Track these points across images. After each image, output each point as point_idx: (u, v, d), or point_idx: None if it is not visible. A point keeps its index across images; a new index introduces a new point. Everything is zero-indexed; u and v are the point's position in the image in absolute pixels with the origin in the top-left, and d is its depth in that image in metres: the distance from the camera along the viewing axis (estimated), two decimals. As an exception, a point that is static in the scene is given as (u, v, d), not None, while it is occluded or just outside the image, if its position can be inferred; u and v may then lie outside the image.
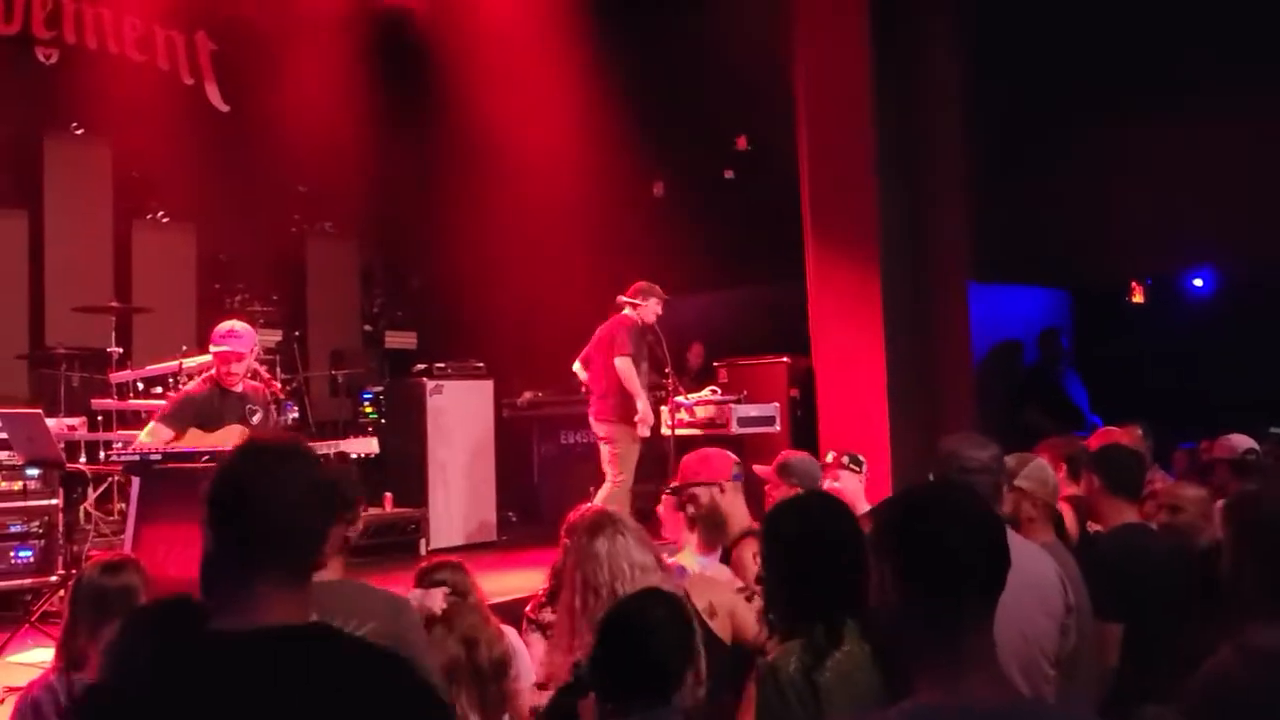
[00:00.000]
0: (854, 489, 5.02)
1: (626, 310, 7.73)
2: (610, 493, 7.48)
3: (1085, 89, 8.68)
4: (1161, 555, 3.97)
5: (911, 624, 1.88)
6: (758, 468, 5.12)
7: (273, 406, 5.74)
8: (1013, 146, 8.99)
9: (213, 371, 5.81)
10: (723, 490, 4.31)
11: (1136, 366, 8.75)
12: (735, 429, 7.90)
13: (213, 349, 5.72)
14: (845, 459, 5.21)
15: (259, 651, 1.73)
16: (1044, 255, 9.15)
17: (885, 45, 8.29)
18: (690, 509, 4.33)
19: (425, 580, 3.69)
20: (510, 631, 4.01)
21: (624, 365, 7.53)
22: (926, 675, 1.85)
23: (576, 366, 7.94)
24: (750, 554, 3.90)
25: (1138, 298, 9.51)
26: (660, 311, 7.74)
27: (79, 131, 9.12)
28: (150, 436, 5.57)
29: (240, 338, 5.75)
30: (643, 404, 7.51)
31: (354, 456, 5.84)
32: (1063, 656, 3.18)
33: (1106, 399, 8.60)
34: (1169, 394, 7.94)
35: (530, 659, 3.91)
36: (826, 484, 4.91)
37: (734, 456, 4.51)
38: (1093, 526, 4.60)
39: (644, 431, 7.57)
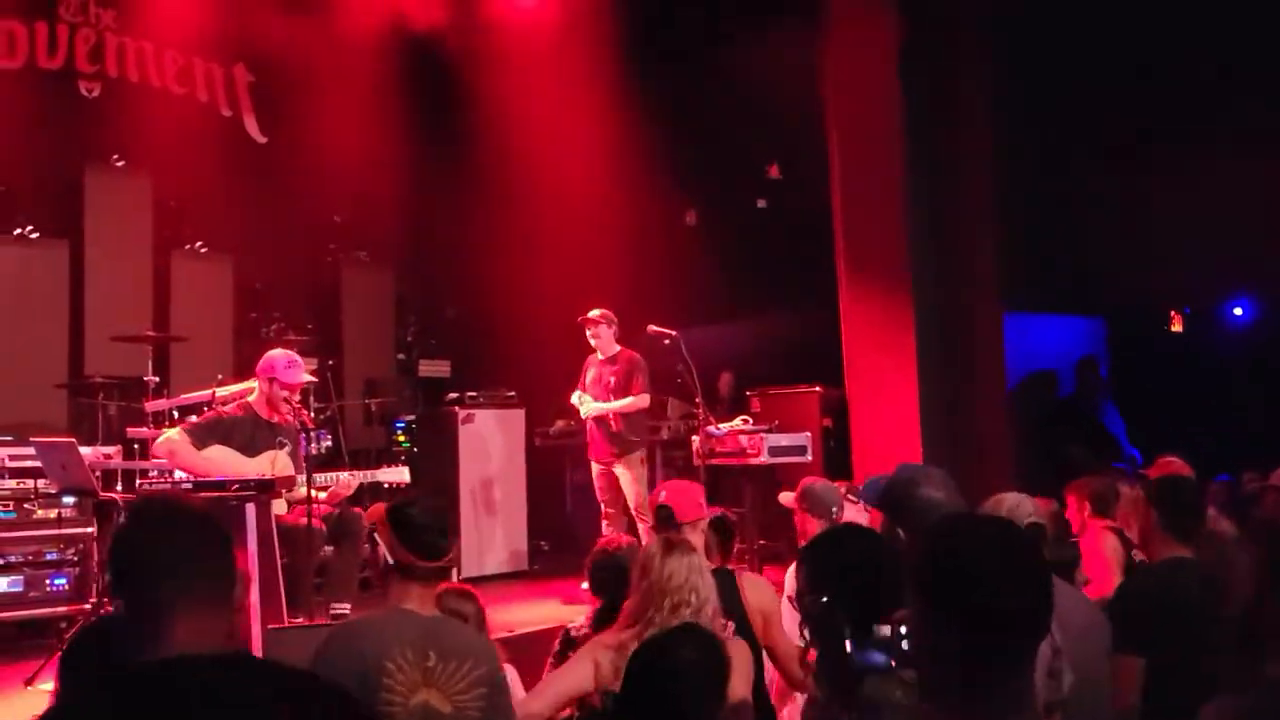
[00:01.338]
0: (857, 520, 5.01)
1: None
2: None
3: (1121, 117, 8.63)
4: (1196, 591, 3.88)
5: (945, 662, 1.84)
6: (783, 497, 5.14)
7: (301, 437, 5.76)
8: (1048, 174, 8.95)
9: (251, 398, 5.81)
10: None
11: (1174, 396, 8.64)
12: (766, 458, 7.87)
13: (282, 379, 5.67)
14: (844, 489, 5.26)
15: (181, 680, 1.81)
16: (1080, 284, 9.08)
17: (916, 74, 8.29)
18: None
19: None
20: (509, 670, 3.97)
21: None
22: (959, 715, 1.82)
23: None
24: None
25: (1176, 326, 9.40)
26: (592, 341, 7.78)
27: (120, 163, 9.26)
28: (171, 440, 5.55)
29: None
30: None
31: (386, 485, 5.87)
32: (1055, 702, 3.07)
33: (1143, 430, 8.49)
34: (1207, 425, 7.82)
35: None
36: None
37: (662, 497, 4.39)
38: (1139, 556, 4.52)
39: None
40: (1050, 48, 8.46)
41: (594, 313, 7.78)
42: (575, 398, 7.82)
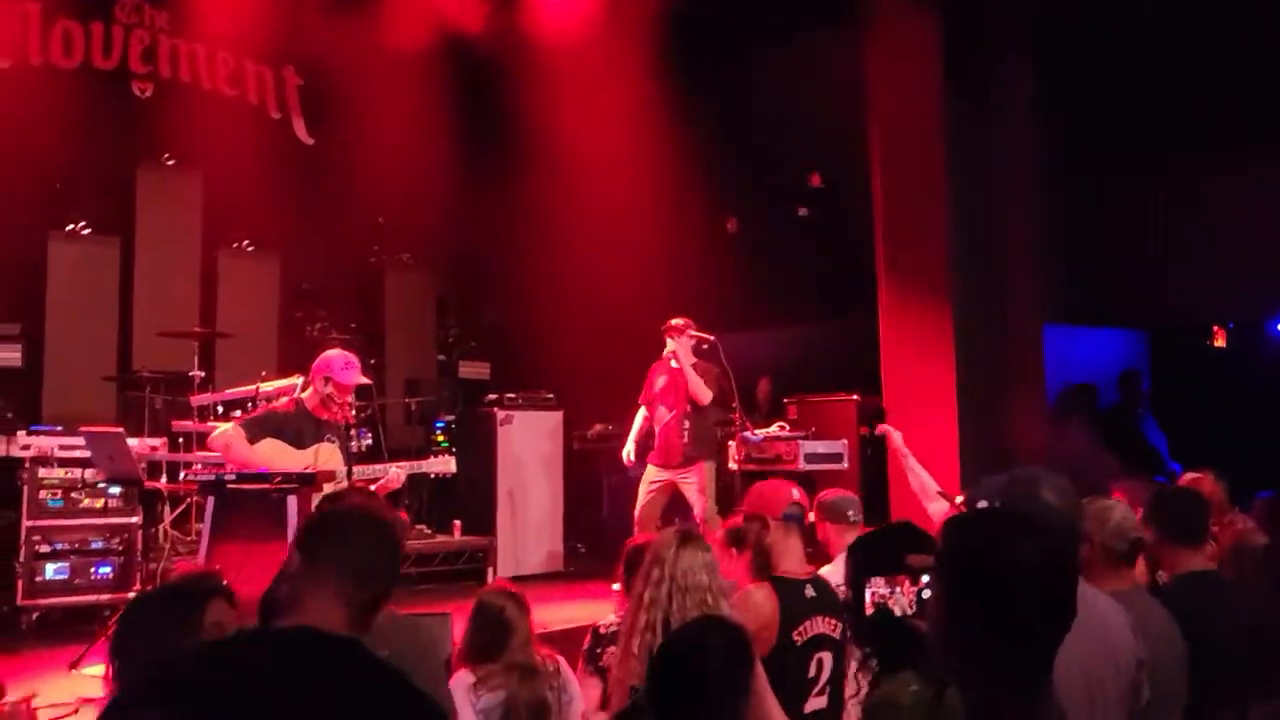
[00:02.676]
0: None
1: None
2: None
3: (1166, 129, 8.56)
4: (1223, 609, 3.78)
5: (969, 657, 1.85)
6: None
7: (344, 433, 5.85)
8: (1092, 186, 8.90)
9: (303, 394, 5.86)
10: (766, 526, 4.24)
11: (1217, 411, 8.55)
12: (803, 465, 7.87)
13: (338, 379, 5.68)
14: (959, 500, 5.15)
15: (286, 644, 1.92)
16: (1122, 297, 9.02)
17: (960, 82, 8.26)
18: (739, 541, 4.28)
19: (484, 605, 3.75)
20: (562, 660, 4.01)
21: None
22: (981, 711, 1.83)
23: None
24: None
25: (1219, 341, 9.29)
26: (678, 350, 7.68)
27: (170, 162, 9.42)
28: (226, 434, 5.61)
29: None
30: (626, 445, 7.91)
31: (432, 476, 5.92)
32: (1135, 713, 3.03)
33: (1185, 445, 8.41)
34: (1250, 441, 7.72)
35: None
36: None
37: (795, 495, 4.44)
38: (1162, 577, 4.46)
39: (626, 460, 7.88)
40: (1094, 57, 8.41)
41: (678, 320, 7.70)
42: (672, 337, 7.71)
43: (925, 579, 2.52)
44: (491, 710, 3.63)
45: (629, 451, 7.89)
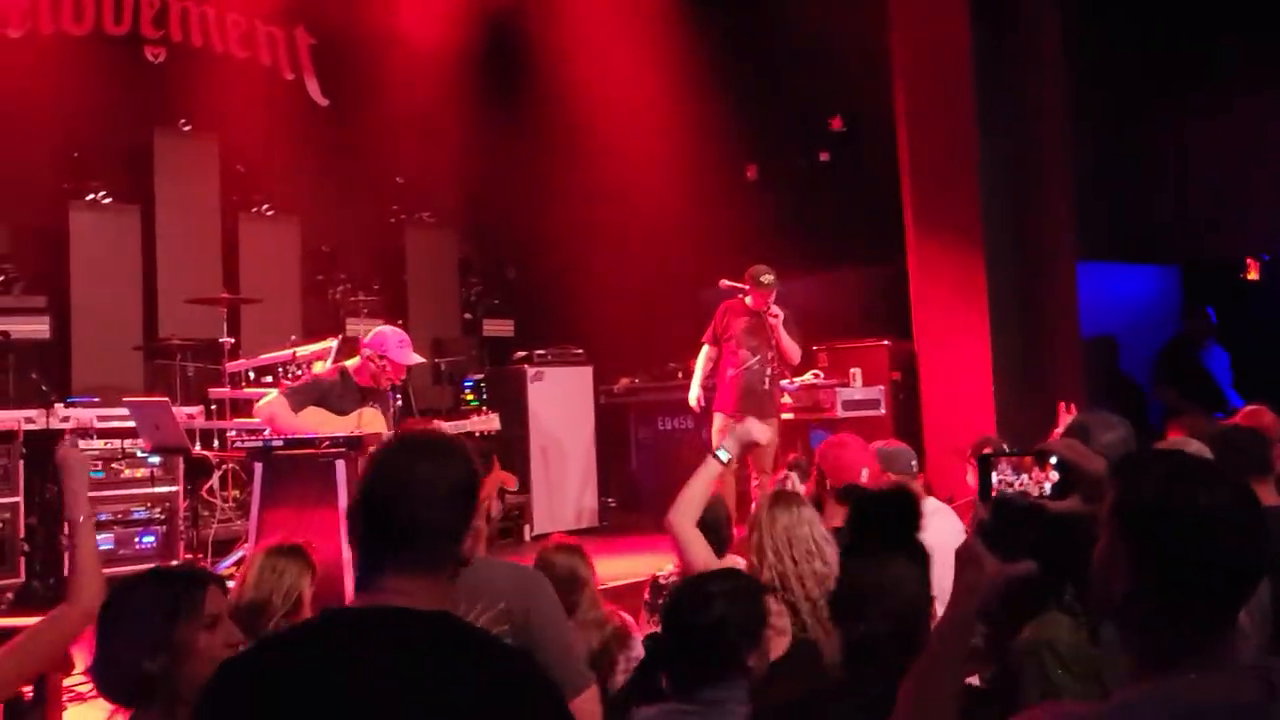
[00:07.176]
0: None
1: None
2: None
3: (1198, 60, 8.44)
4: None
5: (1150, 614, 1.70)
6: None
7: (390, 396, 5.85)
8: (1122, 120, 8.79)
9: (350, 364, 5.86)
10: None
11: (1251, 344, 8.48)
12: (840, 413, 7.85)
13: (394, 359, 5.69)
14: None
15: (376, 629, 1.77)
16: (1155, 233, 8.93)
17: (987, 17, 8.13)
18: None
19: (553, 563, 3.73)
20: (629, 619, 4.00)
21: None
22: (1154, 662, 1.71)
23: None
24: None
25: (1252, 274, 9.19)
26: (753, 294, 7.51)
27: (187, 128, 9.31)
28: (271, 403, 5.61)
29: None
30: (692, 389, 7.60)
31: (477, 435, 5.93)
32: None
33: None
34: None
35: None
36: None
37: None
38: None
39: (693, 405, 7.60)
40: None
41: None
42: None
43: (1054, 461, 2.45)
44: None
45: (698, 397, 7.62)
